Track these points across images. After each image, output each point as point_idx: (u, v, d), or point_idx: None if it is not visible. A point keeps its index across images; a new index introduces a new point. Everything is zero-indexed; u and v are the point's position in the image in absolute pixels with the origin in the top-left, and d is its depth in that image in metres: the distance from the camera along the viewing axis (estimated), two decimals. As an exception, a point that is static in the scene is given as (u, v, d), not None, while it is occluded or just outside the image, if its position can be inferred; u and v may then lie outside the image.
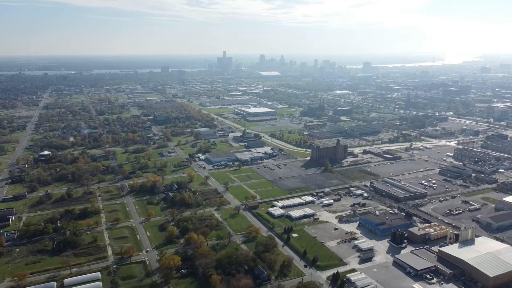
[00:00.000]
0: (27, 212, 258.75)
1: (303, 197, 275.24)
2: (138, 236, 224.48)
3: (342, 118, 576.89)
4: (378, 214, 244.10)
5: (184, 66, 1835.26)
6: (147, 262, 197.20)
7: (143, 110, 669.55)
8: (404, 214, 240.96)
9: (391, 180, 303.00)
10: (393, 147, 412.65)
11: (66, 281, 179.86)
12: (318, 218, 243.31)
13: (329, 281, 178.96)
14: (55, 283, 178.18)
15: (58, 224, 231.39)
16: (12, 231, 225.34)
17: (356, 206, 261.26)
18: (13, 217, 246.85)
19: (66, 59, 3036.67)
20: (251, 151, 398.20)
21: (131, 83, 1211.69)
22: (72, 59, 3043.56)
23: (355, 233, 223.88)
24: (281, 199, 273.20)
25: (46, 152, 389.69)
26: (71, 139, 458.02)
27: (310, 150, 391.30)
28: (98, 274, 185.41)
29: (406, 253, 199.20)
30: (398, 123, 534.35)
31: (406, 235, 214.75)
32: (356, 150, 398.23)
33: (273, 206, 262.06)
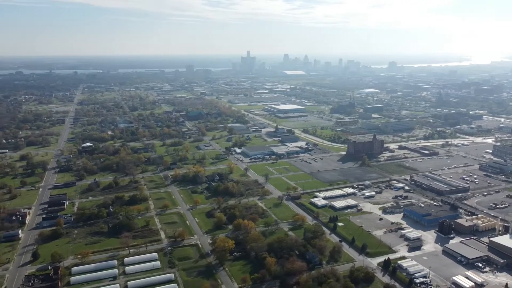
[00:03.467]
0: (79, 198, 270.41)
1: (344, 189, 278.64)
2: (187, 222, 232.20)
3: (373, 115, 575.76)
4: (423, 206, 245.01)
5: (207, 65, 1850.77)
6: (200, 245, 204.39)
7: (174, 107, 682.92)
8: (450, 206, 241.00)
9: (431, 175, 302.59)
10: (428, 144, 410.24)
11: (126, 260, 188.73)
12: (361, 209, 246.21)
13: (380, 267, 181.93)
14: (115, 262, 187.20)
15: (111, 209, 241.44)
16: (69, 215, 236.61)
17: (399, 198, 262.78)
18: (67, 202, 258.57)
19: (91, 58, 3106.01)
20: (286, 145, 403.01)
21: (158, 81, 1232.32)
22: (97, 58, 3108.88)
23: (400, 224, 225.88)
24: (322, 191, 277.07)
25: (88, 144, 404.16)
26: (109, 132, 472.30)
27: (345, 145, 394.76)
28: (155, 254, 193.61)
29: (456, 243, 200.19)
30: (431, 121, 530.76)
31: (453, 226, 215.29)
32: (392, 146, 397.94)
33: (315, 197, 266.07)
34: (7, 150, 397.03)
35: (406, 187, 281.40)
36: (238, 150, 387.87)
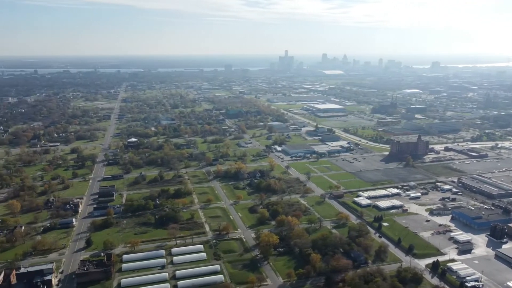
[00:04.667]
0: (126, 190, 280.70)
1: (388, 189, 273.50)
2: (230, 216, 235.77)
3: (416, 116, 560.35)
4: (473, 208, 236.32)
5: (245, 65, 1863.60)
6: (244, 239, 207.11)
7: (214, 105, 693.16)
8: (502, 210, 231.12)
9: (480, 177, 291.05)
10: (476, 146, 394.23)
11: (174, 250, 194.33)
12: (407, 210, 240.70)
13: (428, 269, 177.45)
14: (163, 251, 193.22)
15: (157, 201, 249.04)
16: (118, 205, 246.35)
17: (446, 200, 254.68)
18: (116, 194, 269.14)
19: (133, 58, 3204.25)
20: (327, 144, 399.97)
21: (197, 80, 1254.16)
22: (138, 58, 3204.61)
23: (448, 226, 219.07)
24: (366, 190, 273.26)
25: (133, 139, 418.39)
26: (153, 128, 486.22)
27: (387, 145, 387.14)
28: (201, 246, 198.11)
29: (510, 248, 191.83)
30: (479, 122, 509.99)
31: (506, 230, 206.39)
32: (437, 147, 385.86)
33: (358, 196, 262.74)
34: (58, 144, 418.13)
35: (454, 189, 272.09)
36: (279, 148, 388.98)
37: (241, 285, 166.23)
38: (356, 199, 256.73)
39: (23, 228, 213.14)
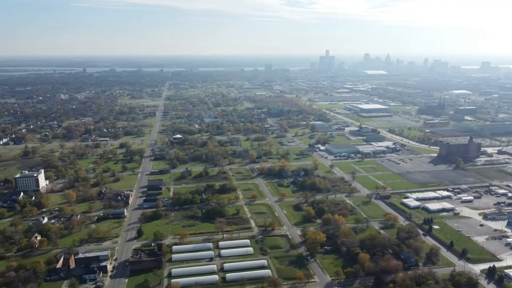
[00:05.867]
0: (173, 184, 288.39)
1: (438, 192, 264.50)
2: (275, 213, 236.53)
3: (465, 117, 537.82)
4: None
5: (285, 64, 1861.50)
6: (290, 236, 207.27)
7: (255, 103, 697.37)
8: None
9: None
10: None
11: (221, 243, 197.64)
12: (459, 213, 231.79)
13: (484, 275, 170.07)
14: (211, 244, 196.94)
15: (204, 196, 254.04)
16: (166, 198, 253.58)
17: (501, 204, 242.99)
18: (163, 187, 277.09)
19: (175, 57, 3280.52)
20: (371, 144, 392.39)
21: (238, 79, 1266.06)
22: (180, 57, 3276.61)
23: (505, 232, 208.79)
24: (414, 192, 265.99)
25: (178, 136, 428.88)
26: (196, 126, 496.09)
27: (436, 147, 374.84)
28: (248, 241, 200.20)
29: None
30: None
31: None
32: (490, 150, 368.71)
33: (406, 197, 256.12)
34: (108, 139, 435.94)
35: (510, 194, 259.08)
36: (322, 147, 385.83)
37: (289, 280, 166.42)
38: (404, 200, 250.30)
39: (78, 216, 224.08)
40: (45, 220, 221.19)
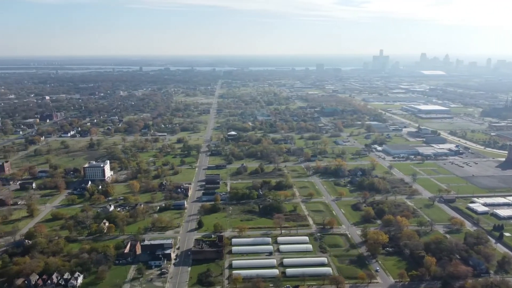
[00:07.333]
0: (230, 179, 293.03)
1: (508, 198, 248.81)
2: (333, 212, 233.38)
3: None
4: None
5: (336, 64, 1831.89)
6: (349, 235, 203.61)
7: (308, 103, 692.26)
8: None
9: None
10: None
11: (280, 239, 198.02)
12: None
13: None
14: (270, 239, 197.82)
15: (260, 192, 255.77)
16: (224, 193, 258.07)
17: None
18: (220, 182, 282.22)
19: (226, 57, 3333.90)
20: (432, 146, 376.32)
21: (289, 79, 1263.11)
22: (231, 57, 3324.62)
23: None
24: (480, 197, 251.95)
25: (233, 132, 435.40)
26: (250, 123, 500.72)
27: (503, 151, 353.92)
28: (307, 238, 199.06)
29: None
30: None
31: None
32: None
33: (473, 202, 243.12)
34: (165, 134, 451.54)
35: None
36: (379, 148, 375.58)
37: (350, 280, 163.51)
38: (471, 205, 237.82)
39: (142, 206, 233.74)
40: (112, 208, 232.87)
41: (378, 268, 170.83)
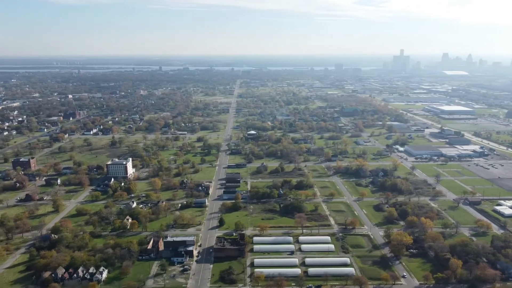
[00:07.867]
0: (250, 178, 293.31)
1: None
2: (355, 212, 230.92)
3: None
4: None
5: (355, 64, 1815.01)
6: (372, 236, 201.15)
7: (327, 102, 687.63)
8: None
9: None
10: None
11: (301, 238, 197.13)
12: None
13: None
14: (291, 238, 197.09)
15: (281, 191, 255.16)
16: (244, 191, 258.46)
17: None
18: (241, 180, 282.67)
19: (244, 57, 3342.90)
20: (455, 147, 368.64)
21: (308, 78, 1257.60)
22: (249, 57, 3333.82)
23: None
24: (508, 199, 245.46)
25: (252, 132, 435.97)
26: (269, 123, 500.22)
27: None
28: (328, 238, 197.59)
29: None
30: None
31: None
32: None
33: (499, 205, 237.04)
34: (186, 132, 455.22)
35: None
36: (401, 149, 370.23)
37: (373, 280, 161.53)
38: (497, 207, 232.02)
39: (164, 203, 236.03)
40: (134, 204, 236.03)
41: (405, 274, 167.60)
